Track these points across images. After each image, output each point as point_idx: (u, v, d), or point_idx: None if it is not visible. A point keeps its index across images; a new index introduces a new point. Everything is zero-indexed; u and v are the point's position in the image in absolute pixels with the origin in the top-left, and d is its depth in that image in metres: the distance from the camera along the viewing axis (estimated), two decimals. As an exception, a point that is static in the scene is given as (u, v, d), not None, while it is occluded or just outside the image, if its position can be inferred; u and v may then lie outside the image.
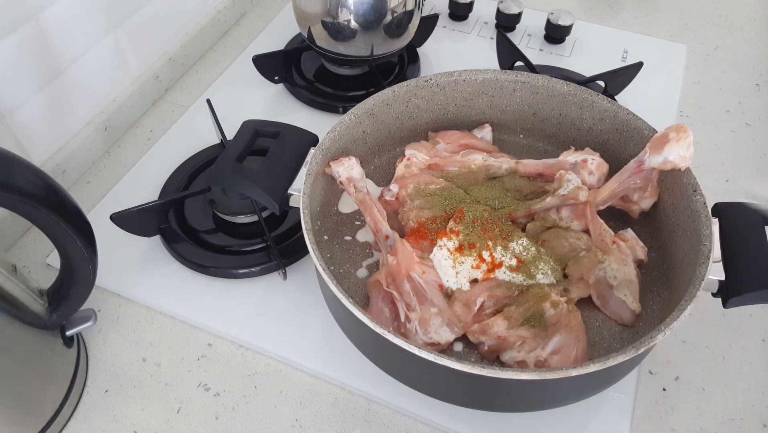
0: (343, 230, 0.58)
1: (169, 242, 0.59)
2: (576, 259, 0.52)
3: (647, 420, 0.50)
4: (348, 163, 0.54)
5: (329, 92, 0.76)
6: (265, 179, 0.50)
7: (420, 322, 0.48)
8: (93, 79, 0.67)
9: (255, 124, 0.55)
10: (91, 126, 0.68)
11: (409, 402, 0.50)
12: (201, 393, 0.51)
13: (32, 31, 0.58)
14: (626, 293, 0.51)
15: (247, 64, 0.76)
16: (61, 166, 0.65)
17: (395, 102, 0.59)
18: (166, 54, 0.77)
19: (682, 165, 0.50)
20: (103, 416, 0.50)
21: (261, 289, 0.57)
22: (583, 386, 0.44)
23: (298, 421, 0.50)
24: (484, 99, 0.62)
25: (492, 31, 0.87)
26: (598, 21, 0.90)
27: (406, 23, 0.72)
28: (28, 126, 0.61)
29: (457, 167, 0.59)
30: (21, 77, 0.58)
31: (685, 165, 0.50)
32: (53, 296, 0.47)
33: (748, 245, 0.46)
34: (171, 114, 0.75)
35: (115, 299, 0.57)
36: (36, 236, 0.62)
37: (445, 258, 0.51)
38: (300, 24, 0.74)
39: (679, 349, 0.54)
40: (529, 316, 0.48)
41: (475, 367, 0.39)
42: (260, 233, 0.60)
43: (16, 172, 0.39)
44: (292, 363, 0.53)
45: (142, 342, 0.54)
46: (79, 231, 0.42)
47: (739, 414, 0.51)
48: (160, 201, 0.58)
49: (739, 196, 0.67)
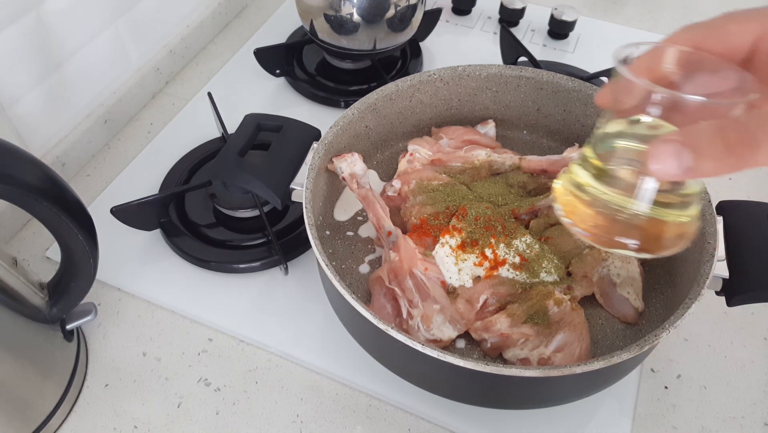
0: (346, 226, 0.57)
1: (169, 236, 0.58)
2: (579, 256, 0.52)
3: (649, 418, 0.50)
4: (351, 159, 0.53)
5: (331, 86, 0.76)
6: (267, 174, 0.50)
7: (422, 318, 0.47)
8: (93, 71, 0.67)
9: (257, 117, 0.54)
10: (91, 118, 0.68)
11: (410, 399, 0.50)
12: (201, 388, 0.51)
13: (32, 22, 0.57)
14: (629, 290, 0.50)
15: (249, 57, 0.75)
16: (60, 159, 0.64)
17: (398, 97, 0.58)
18: (167, 46, 0.76)
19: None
20: (103, 411, 0.49)
21: (262, 284, 0.57)
22: (586, 383, 0.44)
23: (299, 417, 0.50)
24: (488, 94, 0.61)
25: (495, 26, 0.86)
26: (602, 17, 0.90)
27: (410, 17, 0.71)
28: (28, 118, 0.60)
29: (460, 163, 0.58)
30: (21, 69, 0.58)
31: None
32: (53, 289, 0.46)
33: (752, 243, 0.46)
34: (171, 107, 0.75)
35: (116, 293, 0.57)
36: (36, 228, 0.62)
37: (448, 255, 0.51)
38: (302, 17, 0.73)
39: (680, 347, 0.54)
40: (532, 313, 0.47)
41: (478, 364, 0.39)
42: (261, 228, 0.60)
43: (17, 165, 0.38)
44: (293, 359, 0.52)
45: (142, 336, 0.54)
46: (80, 224, 0.41)
47: (741, 412, 0.51)
48: (160, 195, 0.58)
49: (743, 194, 0.67)
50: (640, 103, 0.30)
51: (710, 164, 0.25)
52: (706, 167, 0.25)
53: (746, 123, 0.25)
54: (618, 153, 0.33)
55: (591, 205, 0.33)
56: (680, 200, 0.32)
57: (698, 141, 0.25)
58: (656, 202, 0.31)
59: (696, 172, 0.26)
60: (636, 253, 0.33)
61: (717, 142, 0.25)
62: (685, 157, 0.25)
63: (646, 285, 0.52)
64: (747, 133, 0.25)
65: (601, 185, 0.33)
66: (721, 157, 0.25)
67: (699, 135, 0.25)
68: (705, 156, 0.25)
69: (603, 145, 0.34)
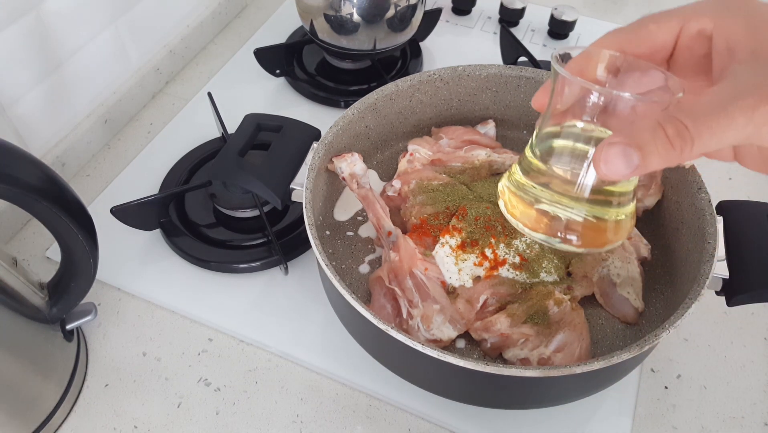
0: (346, 226, 0.57)
1: (169, 236, 0.58)
2: (580, 256, 0.52)
3: (649, 418, 0.50)
4: (351, 159, 0.53)
5: (331, 86, 0.76)
6: (267, 174, 0.50)
7: (422, 318, 0.47)
8: (93, 71, 0.67)
9: (257, 117, 0.54)
10: (91, 118, 0.68)
11: (410, 399, 0.50)
12: (201, 388, 0.51)
13: (32, 22, 0.57)
14: (629, 290, 0.50)
15: (249, 57, 0.75)
16: (60, 159, 0.64)
17: (398, 97, 0.58)
18: (167, 46, 0.76)
19: (686, 162, 0.49)
20: (103, 411, 0.49)
21: (262, 284, 0.57)
22: (586, 383, 0.44)
23: (299, 417, 0.49)
24: (488, 94, 0.61)
25: (495, 26, 0.86)
26: (602, 17, 0.90)
27: (410, 17, 0.71)
28: (28, 118, 0.60)
29: (460, 163, 0.58)
30: (21, 69, 0.58)
31: (690, 163, 0.50)
32: (53, 289, 0.46)
33: (752, 243, 0.46)
34: (171, 107, 0.75)
35: (116, 293, 0.57)
36: (36, 228, 0.62)
37: (448, 255, 0.51)
38: (302, 17, 0.73)
39: (680, 347, 0.54)
40: (532, 313, 0.47)
41: (478, 364, 0.39)
42: (261, 228, 0.59)
43: (17, 165, 0.38)
44: (293, 359, 0.52)
45: (142, 336, 0.54)
46: (80, 224, 0.41)
47: (741, 412, 0.51)
48: (160, 195, 0.58)
49: (743, 194, 0.67)
50: (576, 104, 0.32)
51: (655, 160, 0.27)
52: (652, 163, 0.27)
53: (681, 118, 0.27)
54: (555, 153, 0.34)
55: (531, 203, 0.35)
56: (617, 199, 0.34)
57: (641, 139, 0.27)
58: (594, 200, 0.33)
59: (643, 168, 0.27)
60: (577, 249, 0.35)
61: (659, 139, 0.27)
62: (632, 156, 0.27)
63: (646, 285, 0.52)
64: (684, 127, 0.27)
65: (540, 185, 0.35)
66: (664, 152, 0.27)
67: (641, 134, 0.27)
68: (650, 153, 0.27)
69: (542, 145, 0.35)
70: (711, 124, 0.26)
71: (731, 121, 0.26)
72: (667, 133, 0.27)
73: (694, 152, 0.27)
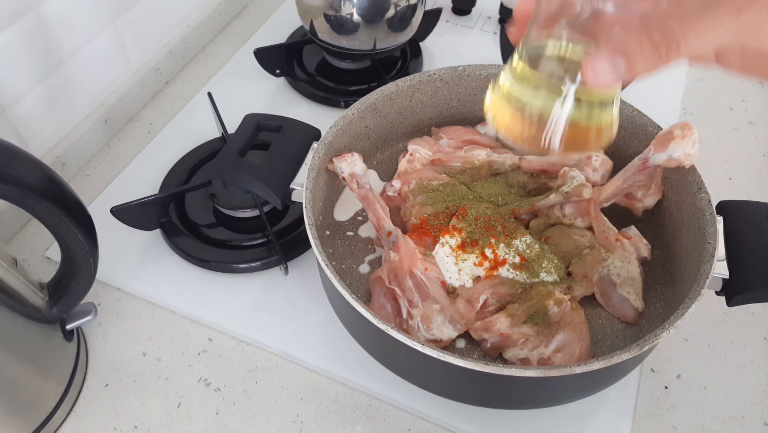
0: (346, 226, 0.57)
1: (169, 236, 0.58)
2: (579, 256, 0.52)
3: (649, 418, 0.50)
4: (350, 159, 0.53)
5: (331, 86, 0.76)
6: (267, 174, 0.50)
7: (422, 318, 0.47)
8: (93, 71, 0.67)
9: (257, 117, 0.54)
10: (91, 118, 0.68)
11: (410, 398, 0.50)
12: (201, 388, 0.51)
13: (32, 22, 0.57)
14: (629, 290, 0.50)
15: (249, 57, 0.75)
16: (60, 159, 0.64)
17: (398, 97, 0.58)
18: (167, 46, 0.76)
19: (686, 162, 0.49)
20: (103, 411, 0.49)
21: (262, 284, 0.57)
22: (586, 383, 0.44)
23: (299, 417, 0.49)
24: (488, 94, 0.61)
25: (495, 26, 0.86)
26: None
27: (410, 17, 0.71)
28: (28, 118, 0.60)
29: (460, 163, 0.58)
30: (21, 69, 0.58)
31: (690, 162, 0.50)
32: (53, 289, 0.46)
33: (752, 243, 0.46)
34: (171, 107, 0.75)
35: (115, 293, 0.57)
36: (36, 228, 0.62)
37: (448, 255, 0.51)
38: (302, 17, 0.73)
39: (680, 347, 0.54)
40: (532, 313, 0.47)
41: (478, 364, 0.39)
42: (261, 228, 0.59)
43: (17, 165, 0.38)
44: (293, 358, 0.52)
45: (142, 336, 0.54)
46: (80, 224, 0.41)
47: (741, 412, 0.51)
48: (160, 195, 0.58)
49: (743, 194, 0.67)
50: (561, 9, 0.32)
51: (642, 64, 0.28)
52: (639, 68, 0.29)
53: (665, 22, 0.28)
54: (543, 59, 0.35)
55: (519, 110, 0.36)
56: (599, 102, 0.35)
57: (627, 46, 0.29)
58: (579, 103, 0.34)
59: (630, 73, 0.29)
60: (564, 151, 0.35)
61: (644, 44, 0.28)
62: (619, 63, 0.29)
63: (646, 285, 0.52)
64: (668, 30, 0.28)
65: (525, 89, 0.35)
66: (650, 56, 0.28)
67: (627, 41, 0.29)
68: (636, 58, 0.28)
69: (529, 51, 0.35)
70: (697, 26, 0.27)
71: (717, 22, 0.27)
72: (652, 38, 0.28)
73: (680, 55, 0.28)
